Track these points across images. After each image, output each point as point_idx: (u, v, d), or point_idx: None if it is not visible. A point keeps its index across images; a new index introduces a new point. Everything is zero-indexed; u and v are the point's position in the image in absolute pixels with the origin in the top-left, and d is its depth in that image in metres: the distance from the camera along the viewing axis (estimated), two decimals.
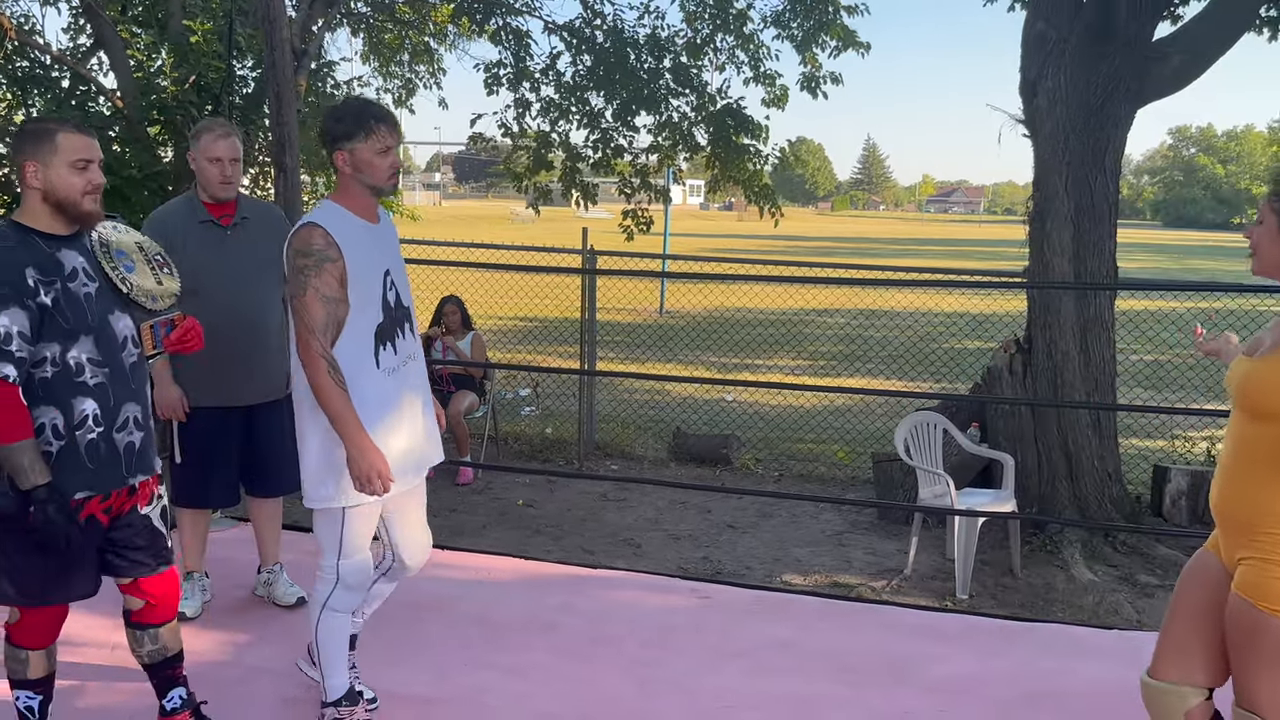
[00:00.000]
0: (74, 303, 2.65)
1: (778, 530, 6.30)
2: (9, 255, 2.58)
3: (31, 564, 2.68)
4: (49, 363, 2.61)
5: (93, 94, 9.24)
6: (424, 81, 12.80)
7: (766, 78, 10.48)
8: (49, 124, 2.69)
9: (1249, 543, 2.25)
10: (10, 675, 2.84)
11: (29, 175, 2.63)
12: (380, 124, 2.86)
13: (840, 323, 16.02)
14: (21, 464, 2.54)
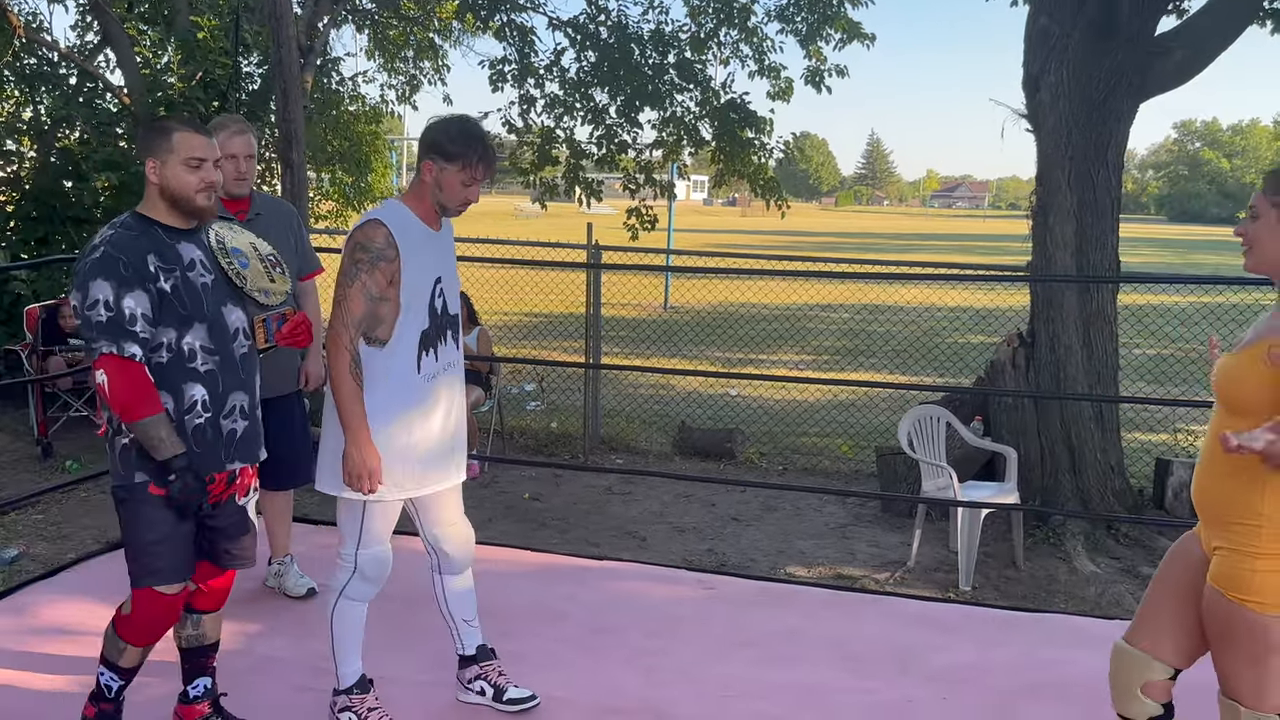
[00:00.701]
0: (191, 291, 2.74)
1: (782, 523, 6.34)
2: (133, 242, 2.67)
3: (154, 538, 2.75)
4: (164, 348, 2.70)
5: (100, 91, 9.31)
6: (428, 78, 12.85)
7: (771, 71, 10.51)
8: (169, 122, 2.79)
9: (1222, 533, 2.30)
10: (105, 653, 2.90)
11: (149, 171, 2.73)
12: (480, 162, 2.92)
13: (844, 318, 16.05)
14: (160, 435, 2.64)
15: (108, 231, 2.71)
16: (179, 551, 2.80)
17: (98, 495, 6.36)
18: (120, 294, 2.60)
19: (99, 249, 2.64)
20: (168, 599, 2.81)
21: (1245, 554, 2.25)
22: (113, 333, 2.60)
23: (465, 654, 3.38)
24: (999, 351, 6.37)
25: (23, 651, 3.66)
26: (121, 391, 2.61)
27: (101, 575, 4.37)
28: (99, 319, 2.59)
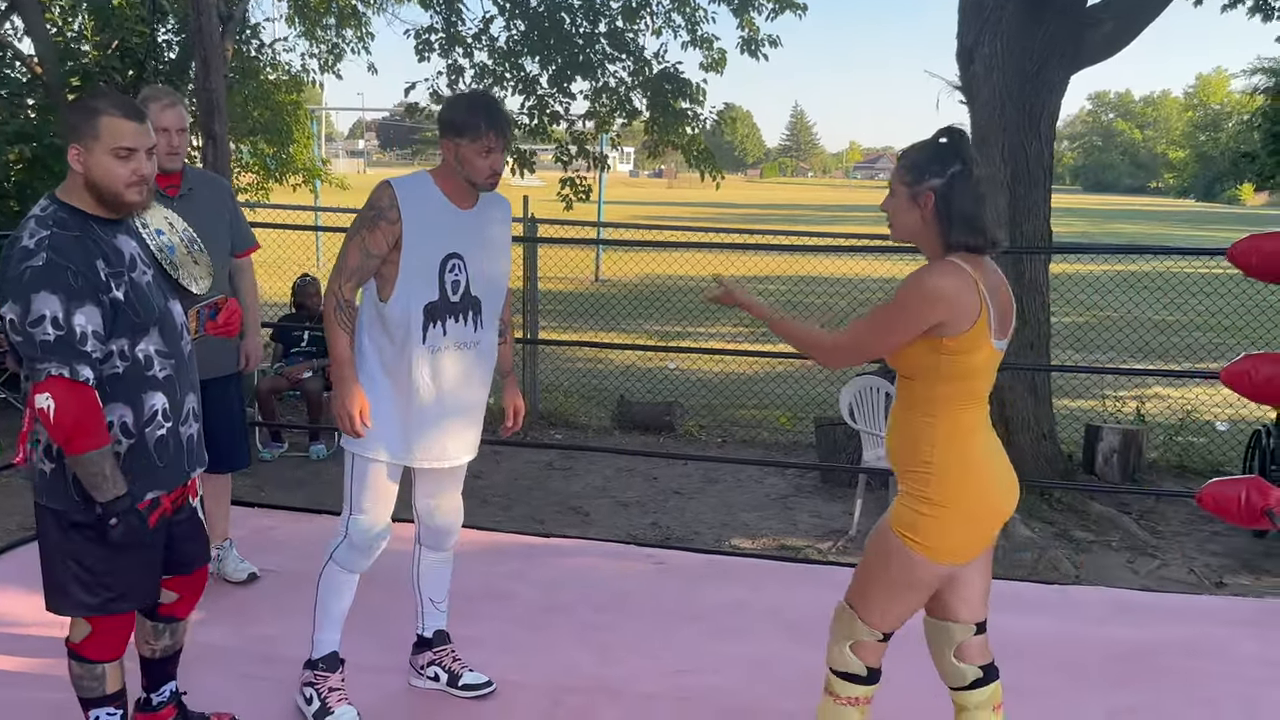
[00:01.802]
0: (140, 294, 2.49)
1: (724, 495, 6.36)
2: (77, 245, 2.38)
3: (108, 570, 2.53)
4: (118, 356, 2.45)
5: (8, 60, 8.91)
6: (351, 46, 12.54)
7: (704, 41, 10.45)
8: (96, 103, 2.46)
9: (901, 482, 2.56)
10: (86, 695, 2.66)
11: (71, 157, 2.44)
12: (490, 129, 2.86)
13: (778, 289, 16.11)
14: (102, 472, 2.39)
15: (40, 230, 2.38)
16: (145, 574, 2.63)
17: (17, 480, 6.14)
18: (70, 309, 2.32)
19: (38, 255, 2.33)
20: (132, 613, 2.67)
21: (915, 498, 2.47)
22: (63, 353, 2.32)
23: (423, 636, 3.34)
24: None
25: None
26: (68, 419, 2.32)
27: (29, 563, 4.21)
28: (45, 337, 2.31)
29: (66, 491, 2.49)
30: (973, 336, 2.38)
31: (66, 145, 2.48)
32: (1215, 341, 11.41)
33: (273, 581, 4.13)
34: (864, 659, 2.65)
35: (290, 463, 6.87)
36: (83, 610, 2.57)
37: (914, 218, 2.47)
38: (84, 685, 2.67)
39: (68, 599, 2.56)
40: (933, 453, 2.46)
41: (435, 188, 2.97)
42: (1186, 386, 9.12)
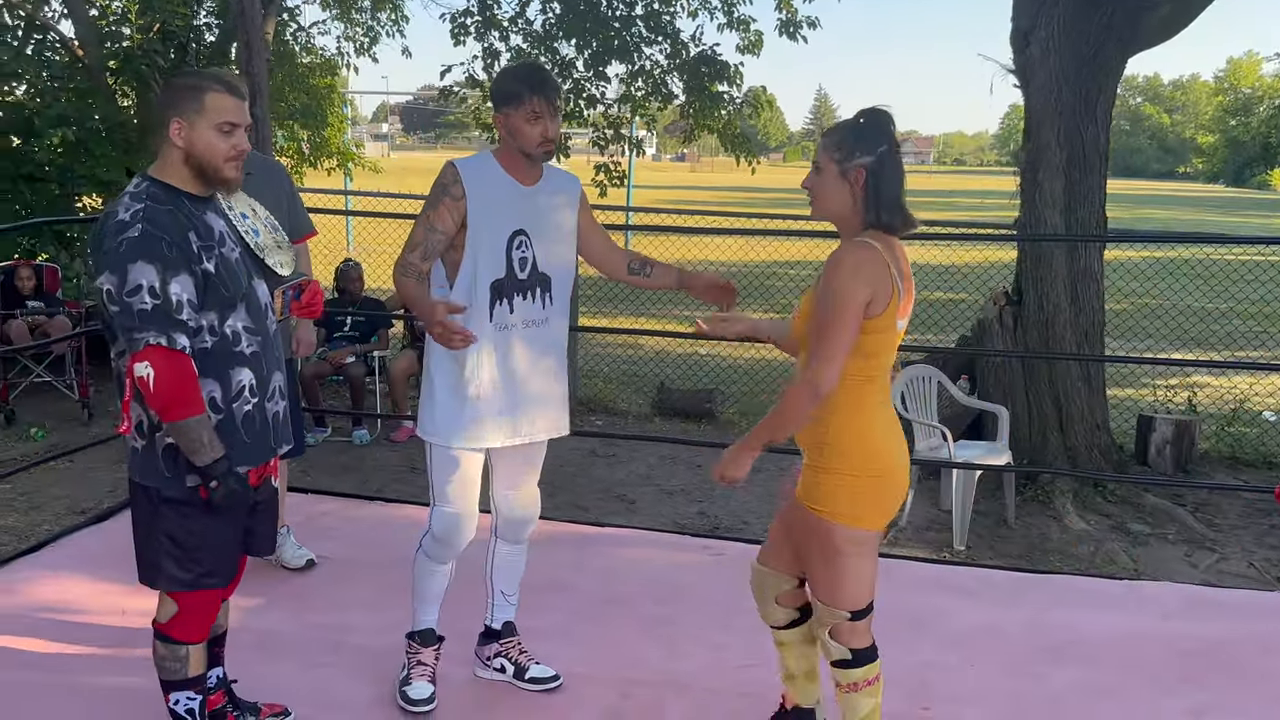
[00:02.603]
0: (229, 268, 2.51)
1: (769, 484, 6.30)
2: (171, 218, 2.41)
3: (198, 545, 2.55)
4: (208, 331, 2.46)
5: (49, 43, 8.91)
6: (386, 30, 12.50)
7: (741, 23, 10.34)
8: (201, 79, 2.49)
9: (806, 456, 2.61)
10: (169, 677, 2.67)
11: (172, 132, 2.45)
12: (534, 95, 2.83)
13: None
14: (201, 438, 2.41)
15: (135, 205, 2.41)
16: (233, 549, 2.65)
17: (65, 464, 6.16)
18: (166, 278, 2.35)
19: (134, 226, 2.36)
20: (218, 591, 2.67)
21: (818, 469, 2.55)
22: (160, 322, 2.34)
23: (491, 627, 3.32)
24: (986, 310, 6.35)
25: (12, 630, 3.51)
26: (167, 387, 2.35)
27: (89, 548, 4.22)
28: (142, 306, 2.33)
29: (157, 467, 2.51)
30: (888, 315, 2.45)
31: (162, 120, 2.47)
32: (1257, 330, 11.26)
33: (329, 569, 4.11)
34: (844, 642, 2.66)
35: (334, 448, 6.86)
36: (175, 585, 2.58)
37: (843, 195, 2.49)
38: (167, 667, 2.67)
39: (161, 574, 2.58)
40: (835, 423, 2.52)
41: (497, 165, 2.95)
42: (1228, 376, 8.99)
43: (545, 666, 3.29)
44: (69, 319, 7.49)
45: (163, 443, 2.49)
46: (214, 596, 2.67)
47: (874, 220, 2.48)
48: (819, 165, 2.52)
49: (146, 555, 2.58)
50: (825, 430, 2.52)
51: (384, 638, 3.52)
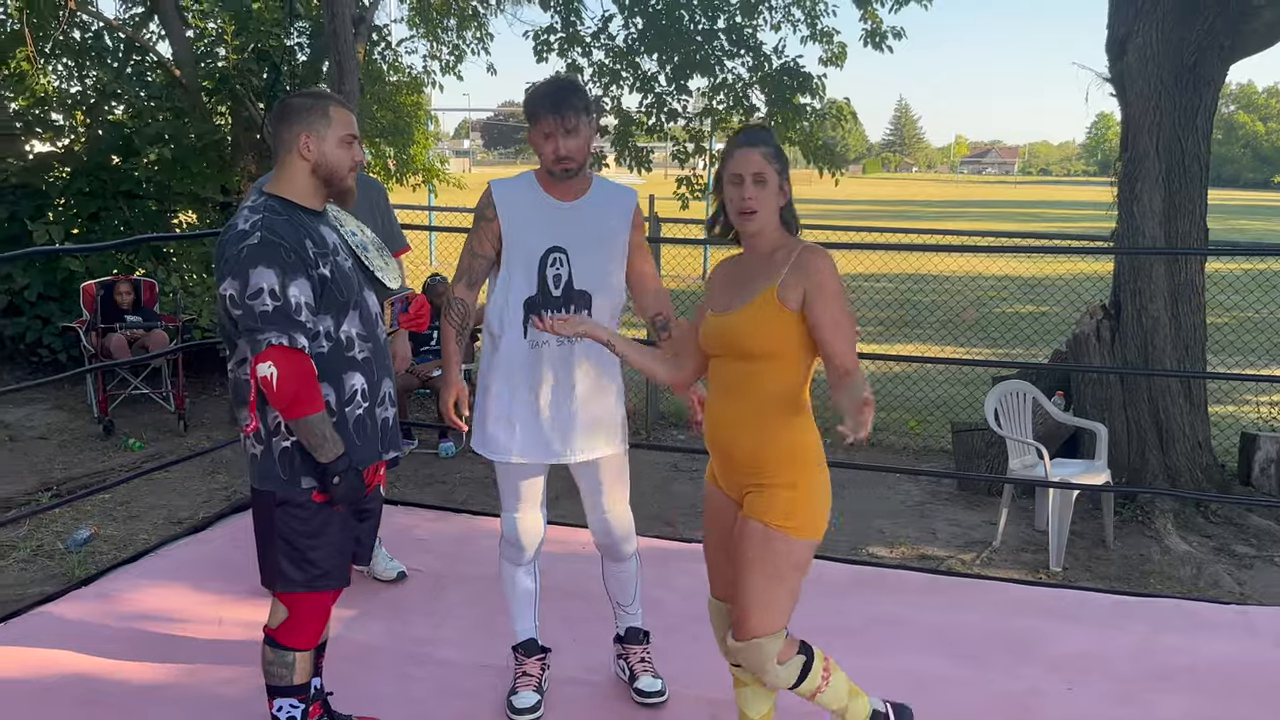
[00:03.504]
0: (343, 274, 2.60)
1: (856, 502, 6.21)
2: (288, 226, 2.51)
3: (312, 547, 2.62)
4: (324, 336, 2.55)
5: (149, 64, 9.18)
6: (471, 48, 12.66)
7: (824, 35, 10.27)
8: (322, 96, 2.61)
9: (756, 473, 2.51)
10: (275, 682, 2.72)
11: (301, 146, 2.55)
12: (547, 113, 2.85)
13: (887, 287, 15.82)
14: (323, 434, 2.49)
15: (254, 216, 2.51)
16: (345, 553, 2.70)
17: (161, 474, 6.30)
18: (286, 281, 2.44)
19: (254, 234, 2.45)
20: (332, 595, 2.72)
21: (774, 486, 2.48)
22: (281, 323, 2.43)
23: (618, 633, 3.39)
24: (1082, 324, 6.19)
25: (113, 639, 3.59)
26: (289, 385, 2.43)
27: (188, 559, 4.30)
28: (264, 308, 2.42)
29: (274, 472, 2.58)
30: None
31: (287, 137, 2.56)
32: None
33: (420, 581, 4.14)
34: (789, 655, 2.59)
35: (420, 460, 6.93)
36: (291, 586, 2.64)
37: (775, 208, 2.51)
38: (274, 672, 2.72)
39: (279, 576, 2.64)
40: (786, 434, 2.49)
41: (535, 184, 3.00)
42: None
43: (654, 680, 3.29)
44: (166, 333, 7.69)
45: (279, 447, 2.56)
46: (327, 600, 2.72)
47: (795, 230, 2.56)
48: (763, 177, 2.46)
49: (266, 558, 2.65)
50: (775, 443, 2.48)
51: (474, 652, 3.53)
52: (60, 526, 5.47)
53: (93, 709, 3.16)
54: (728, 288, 2.58)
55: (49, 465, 6.53)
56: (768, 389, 2.49)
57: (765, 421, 2.49)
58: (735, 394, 2.52)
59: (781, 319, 2.45)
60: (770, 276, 2.49)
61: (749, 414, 2.51)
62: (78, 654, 3.47)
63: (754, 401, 2.50)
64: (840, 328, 2.42)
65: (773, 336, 2.46)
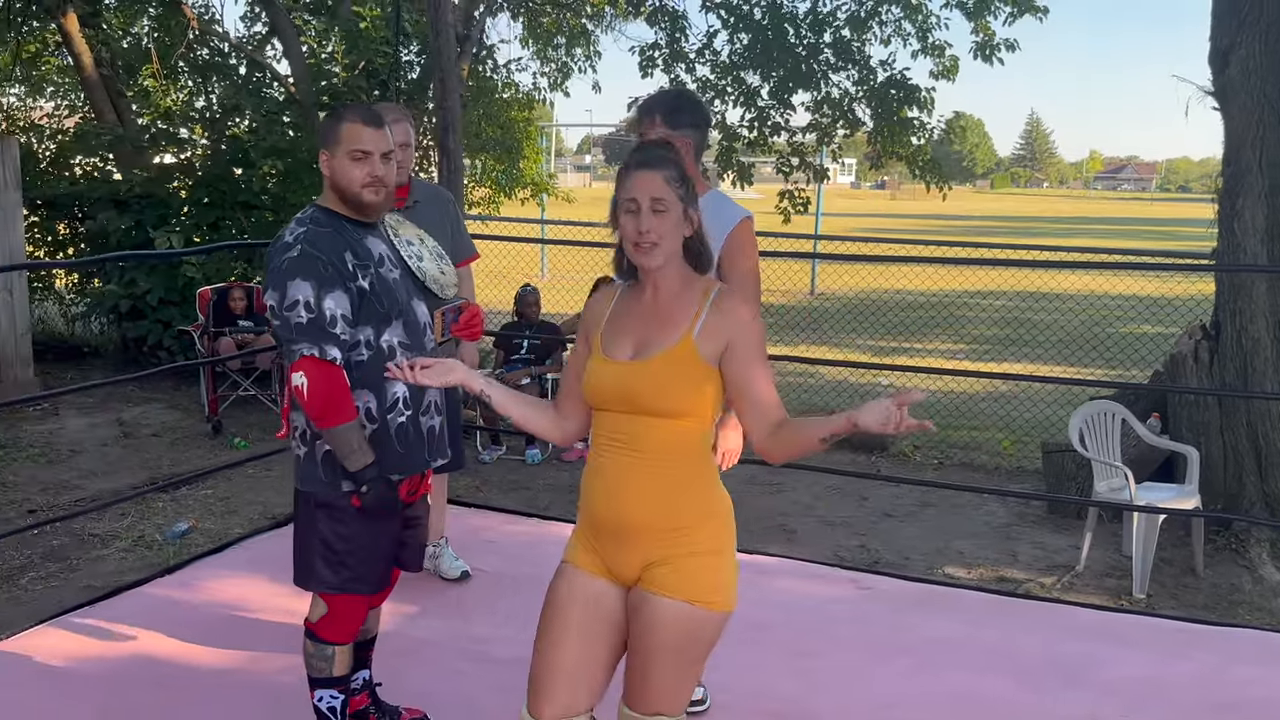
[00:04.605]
0: (386, 287, 2.66)
1: (938, 520, 6.11)
2: (329, 239, 2.58)
3: (349, 550, 2.68)
4: (364, 345, 2.61)
5: (268, 80, 9.62)
6: (579, 65, 12.89)
7: (935, 49, 10.14)
8: (341, 112, 2.68)
9: (668, 545, 2.15)
10: (315, 674, 2.81)
11: (321, 162, 2.66)
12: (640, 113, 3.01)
13: (1002, 305, 15.47)
14: (351, 444, 2.55)
15: (299, 228, 2.60)
16: (382, 559, 2.76)
17: (263, 473, 6.58)
18: (321, 294, 2.51)
19: (295, 247, 2.54)
20: (365, 597, 2.80)
21: (694, 555, 2.15)
22: (314, 335, 2.51)
23: None
24: (1179, 344, 5.98)
25: (189, 625, 3.78)
26: (319, 396, 2.51)
27: (269, 551, 4.49)
28: (299, 320, 2.51)
29: (315, 474, 2.68)
30: None
31: (317, 154, 2.69)
32: None
33: (483, 581, 4.25)
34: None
35: (508, 466, 7.08)
36: (325, 586, 2.72)
37: (680, 235, 2.16)
38: (314, 664, 2.82)
39: (313, 575, 2.73)
40: (700, 496, 2.18)
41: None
42: None
43: (697, 688, 3.29)
44: (274, 337, 8.03)
45: (321, 450, 2.65)
46: (361, 602, 2.80)
47: (705, 265, 2.22)
48: (664, 204, 2.12)
49: (301, 557, 2.76)
50: (693, 506, 2.16)
51: (528, 651, 3.60)
52: (161, 519, 5.77)
53: (161, 691, 3.34)
54: (625, 329, 2.21)
55: (159, 461, 6.89)
56: (678, 446, 2.15)
57: (678, 482, 2.15)
58: (636, 453, 2.15)
59: (699, 373, 2.13)
60: (681, 322, 2.16)
61: (656, 475, 2.14)
62: (154, 638, 3.67)
63: (662, 461, 2.14)
64: (770, 379, 2.16)
65: (688, 394, 2.13)
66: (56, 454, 7.00)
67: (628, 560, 2.19)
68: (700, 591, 2.14)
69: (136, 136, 9.53)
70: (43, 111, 11.71)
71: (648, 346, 2.16)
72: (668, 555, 2.15)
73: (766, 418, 2.14)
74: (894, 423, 1.96)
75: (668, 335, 2.16)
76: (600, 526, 2.21)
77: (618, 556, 2.20)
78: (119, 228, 8.98)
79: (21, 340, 8.44)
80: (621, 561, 2.20)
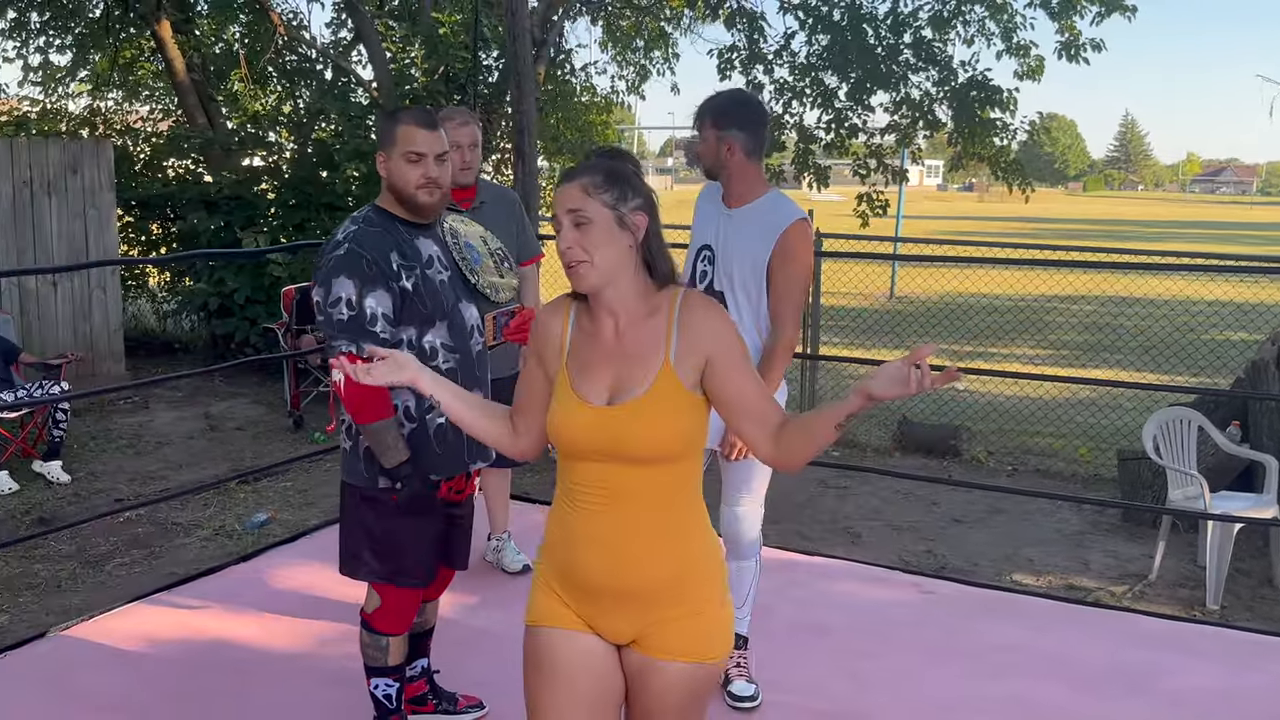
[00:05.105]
0: (431, 289, 2.69)
1: (1009, 527, 6.03)
2: (377, 239, 2.63)
3: (394, 543, 2.74)
4: (406, 345, 2.65)
5: (352, 85, 9.86)
6: (657, 68, 12.95)
7: (1020, 49, 9.97)
8: (397, 114, 2.71)
9: (668, 605, 1.92)
10: (371, 663, 2.88)
11: (379, 164, 2.71)
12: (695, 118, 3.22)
13: (1088, 310, 15.12)
14: (386, 441, 2.60)
15: (351, 227, 2.66)
16: (429, 551, 2.82)
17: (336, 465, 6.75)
18: (363, 292, 2.56)
19: (343, 245, 2.60)
20: (416, 590, 2.87)
21: (694, 614, 1.93)
22: (353, 332, 2.56)
23: None
24: (1262, 350, 5.81)
25: (260, 611, 3.93)
26: (356, 392, 2.53)
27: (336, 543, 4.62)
28: (340, 317, 2.56)
29: (357, 467, 2.75)
30: None
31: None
32: None
33: None
34: None
35: None
36: (371, 576, 2.80)
37: (621, 246, 1.89)
38: (370, 654, 2.90)
39: (360, 565, 2.81)
40: (696, 546, 1.96)
41: (716, 191, 3.28)
42: None
43: (748, 684, 3.33)
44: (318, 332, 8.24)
45: (364, 444, 2.71)
46: (413, 595, 2.86)
47: (667, 275, 1.96)
48: (584, 215, 1.87)
49: (348, 546, 2.83)
50: (693, 558, 1.94)
51: None
52: (242, 510, 5.97)
53: (233, 674, 3.47)
54: (593, 366, 1.94)
55: (241, 454, 7.12)
56: (677, 491, 1.93)
57: (681, 531, 1.94)
58: (631, 507, 1.90)
59: (686, 405, 1.90)
60: (654, 350, 1.91)
61: (659, 531, 1.91)
62: (227, 623, 3.82)
63: (662, 512, 1.91)
64: (758, 380, 1.95)
65: (681, 432, 1.89)
66: (145, 445, 7.28)
67: (622, 623, 1.94)
68: (708, 650, 1.96)
69: (226, 139, 9.85)
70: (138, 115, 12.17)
71: (625, 387, 1.90)
72: (672, 614, 1.92)
73: (767, 426, 1.92)
74: (915, 381, 1.72)
75: (644, 370, 1.90)
76: (594, 592, 1.93)
77: (609, 618, 1.95)
78: (208, 228, 9.29)
79: (114, 336, 8.80)
80: (614, 623, 1.95)
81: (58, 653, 3.58)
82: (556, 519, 1.99)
